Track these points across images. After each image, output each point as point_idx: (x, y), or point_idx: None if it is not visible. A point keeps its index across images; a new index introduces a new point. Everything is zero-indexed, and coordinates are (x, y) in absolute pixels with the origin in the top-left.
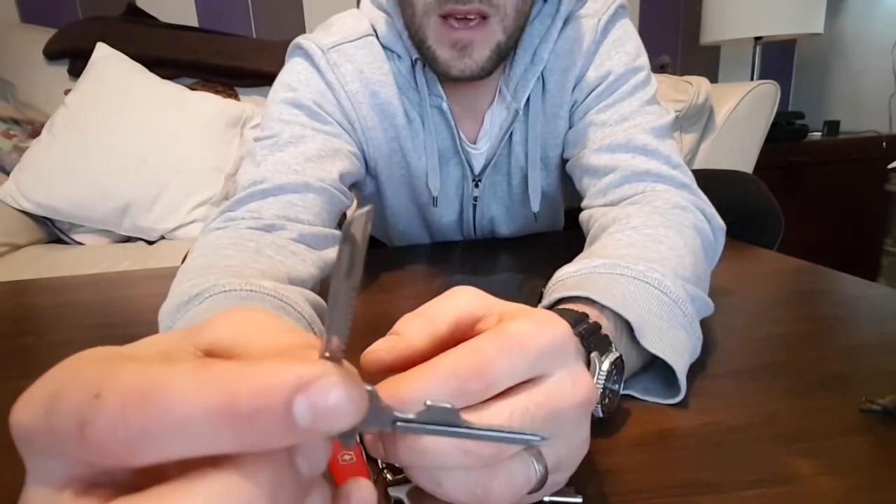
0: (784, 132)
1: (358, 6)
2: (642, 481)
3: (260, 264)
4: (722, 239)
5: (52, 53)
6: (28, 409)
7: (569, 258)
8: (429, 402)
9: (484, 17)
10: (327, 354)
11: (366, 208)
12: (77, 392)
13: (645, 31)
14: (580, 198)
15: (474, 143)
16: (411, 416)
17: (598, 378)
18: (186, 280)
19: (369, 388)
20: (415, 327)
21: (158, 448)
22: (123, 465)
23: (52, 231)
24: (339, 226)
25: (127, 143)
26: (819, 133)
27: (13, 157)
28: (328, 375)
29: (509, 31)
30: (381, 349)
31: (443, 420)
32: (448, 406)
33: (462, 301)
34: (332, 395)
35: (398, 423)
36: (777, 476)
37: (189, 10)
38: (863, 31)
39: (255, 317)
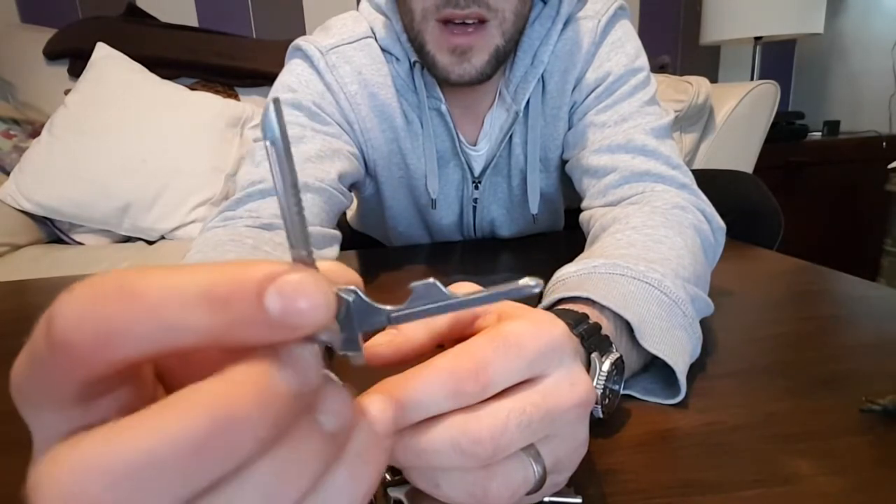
0: (784, 132)
1: (357, 6)
2: (642, 481)
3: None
4: (722, 239)
5: (52, 53)
6: (19, 357)
7: (569, 258)
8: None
9: (482, 22)
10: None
11: (273, 100)
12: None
13: (645, 32)
14: (580, 198)
15: (474, 144)
16: (402, 306)
17: (598, 379)
18: None
19: (353, 287)
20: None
21: (127, 339)
22: (96, 367)
23: (52, 231)
24: (338, 226)
25: (127, 143)
26: (819, 133)
27: (13, 157)
28: (297, 271)
29: (508, 35)
30: (379, 343)
31: (433, 298)
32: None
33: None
34: (300, 285)
35: (393, 316)
36: (777, 476)
37: (189, 10)
38: (863, 31)
39: None
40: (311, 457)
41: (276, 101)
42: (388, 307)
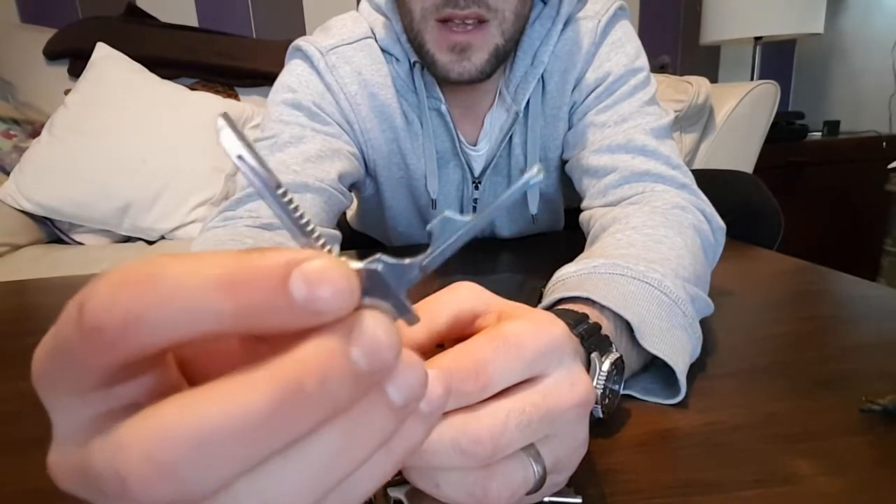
0: (784, 132)
1: (357, 7)
2: (642, 481)
3: None
4: (722, 239)
5: (52, 53)
6: (41, 344)
7: (569, 258)
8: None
9: (482, 22)
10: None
11: (220, 116)
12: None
13: (645, 32)
14: (580, 198)
15: (474, 145)
16: (429, 251)
17: (598, 378)
18: None
19: (377, 255)
20: None
21: (154, 324)
22: (124, 352)
23: (52, 231)
24: (338, 226)
25: (127, 143)
26: (819, 133)
27: (13, 157)
28: (319, 257)
29: (508, 35)
30: None
31: (451, 230)
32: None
33: (462, 297)
34: (324, 270)
35: (424, 264)
36: (777, 476)
37: (189, 10)
38: (863, 31)
39: None
40: (374, 430)
41: (225, 115)
42: (417, 258)
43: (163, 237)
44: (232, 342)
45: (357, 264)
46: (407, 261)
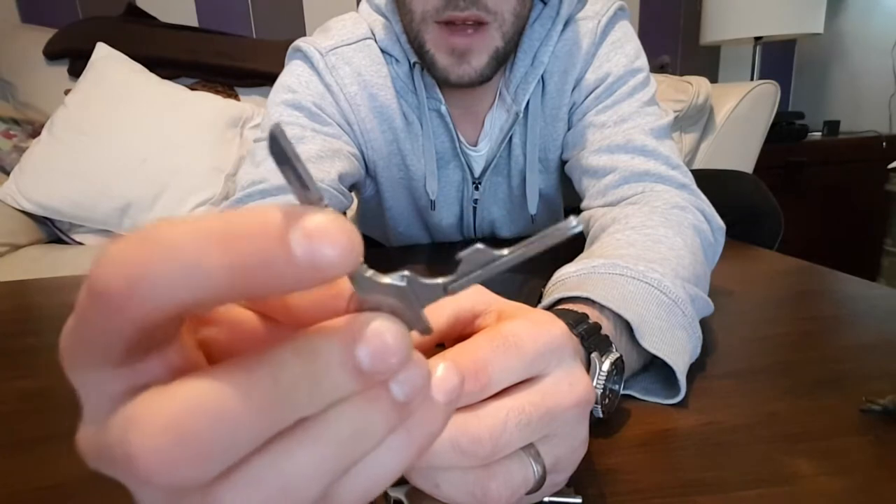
0: (784, 132)
1: (357, 6)
2: (642, 481)
3: None
4: (721, 239)
5: (52, 53)
6: (67, 322)
7: (569, 258)
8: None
9: (481, 24)
10: None
11: (274, 126)
12: None
13: (645, 32)
14: (580, 198)
15: (474, 145)
16: (454, 276)
17: (598, 378)
18: None
19: (404, 272)
20: None
21: (155, 283)
22: (132, 316)
23: (52, 231)
24: None
25: (127, 143)
26: (819, 133)
27: (13, 157)
28: (319, 212)
29: (508, 37)
30: None
31: (481, 261)
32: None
33: (462, 296)
34: (325, 224)
35: (449, 288)
36: (777, 476)
37: (189, 10)
38: (863, 31)
39: None
40: (375, 422)
41: (278, 125)
42: (442, 280)
43: None
44: (258, 328)
45: (385, 279)
46: (430, 281)
